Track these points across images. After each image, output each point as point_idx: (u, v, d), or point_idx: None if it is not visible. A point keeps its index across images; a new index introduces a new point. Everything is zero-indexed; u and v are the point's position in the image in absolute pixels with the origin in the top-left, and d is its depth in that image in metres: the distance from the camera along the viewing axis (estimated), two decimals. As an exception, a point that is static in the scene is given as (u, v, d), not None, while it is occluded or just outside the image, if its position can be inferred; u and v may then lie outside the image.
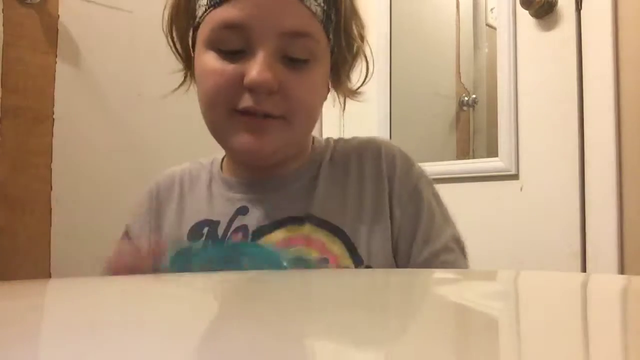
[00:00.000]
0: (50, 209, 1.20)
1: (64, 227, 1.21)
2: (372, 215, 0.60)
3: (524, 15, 1.24)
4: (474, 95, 1.65)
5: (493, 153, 1.32)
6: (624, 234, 1.09)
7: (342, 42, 0.60)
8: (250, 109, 0.53)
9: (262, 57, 0.52)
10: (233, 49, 0.54)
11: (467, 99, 1.66)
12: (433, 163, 1.36)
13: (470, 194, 1.32)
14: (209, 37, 0.55)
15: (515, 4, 1.25)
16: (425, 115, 1.67)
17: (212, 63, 0.54)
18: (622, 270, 1.08)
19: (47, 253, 1.19)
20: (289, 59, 0.54)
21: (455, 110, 1.67)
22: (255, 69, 0.52)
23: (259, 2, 0.52)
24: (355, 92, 0.66)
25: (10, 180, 1.15)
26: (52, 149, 1.21)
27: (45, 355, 0.19)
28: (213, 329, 0.24)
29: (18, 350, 0.18)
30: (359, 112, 0.71)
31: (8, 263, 1.14)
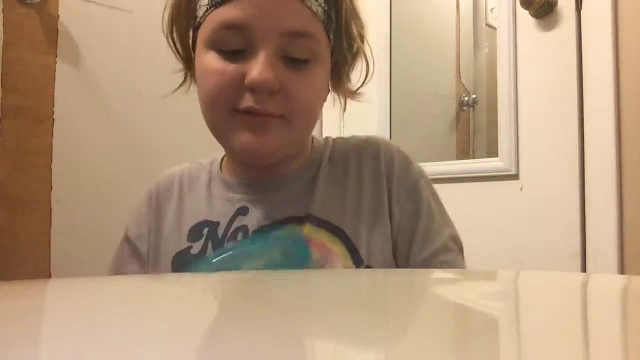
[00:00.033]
0: (50, 209, 1.20)
1: (64, 227, 1.21)
2: (371, 215, 0.60)
3: (524, 15, 1.24)
4: (474, 95, 1.65)
5: (493, 153, 1.32)
6: (624, 234, 1.09)
7: (342, 42, 0.60)
8: (251, 109, 0.53)
9: (263, 57, 0.52)
10: (234, 49, 0.54)
11: (467, 99, 1.66)
12: (433, 163, 1.36)
13: (470, 194, 1.32)
14: (210, 37, 0.55)
15: (515, 4, 1.25)
16: (425, 115, 1.67)
17: (213, 63, 0.54)
18: (622, 270, 1.08)
19: (47, 253, 1.19)
20: (290, 59, 0.54)
21: (455, 110, 1.67)
22: (257, 69, 0.52)
23: (260, 2, 0.52)
24: (356, 92, 0.66)
25: (10, 180, 1.15)
26: (52, 149, 1.21)
27: (45, 355, 0.19)
28: (213, 329, 0.24)
29: (18, 350, 0.18)
30: (359, 112, 0.71)
31: (8, 263, 1.14)
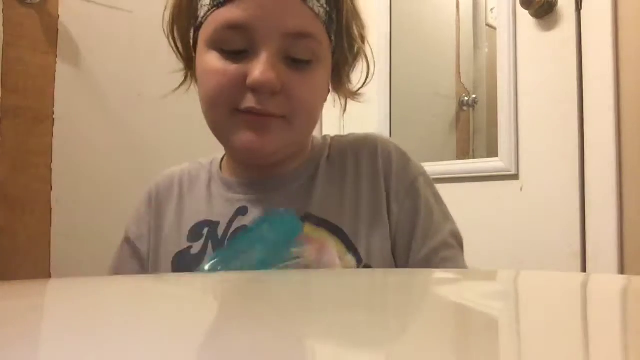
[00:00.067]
0: (50, 209, 1.20)
1: (64, 227, 1.21)
2: (370, 214, 0.60)
3: (524, 15, 1.24)
4: (474, 95, 1.65)
5: (493, 153, 1.32)
6: (624, 234, 1.09)
7: (343, 43, 0.60)
8: (253, 109, 0.53)
9: (265, 57, 0.52)
10: (236, 49, 0.54)
11: (467, 99, 1.66)
12: (433, 163, 1.36)
13: (470, 194, 1.32)
14: (212, 37, 0.55)
15: (515, 4, 1.25)
16: (425, 115, 1.67)
17: (214, 63, 0.54)
18: (622, 270, 1.08)
19: (47, 253, 1.19)
20: (292, 60, 0.54)
21: (455, 110, 1.67)
22: (259, 69, 0.52)
23: (263, 3, 0.52)
24: (356, 93, 0.66)
25: (10, 180, 1.15)
26: (52, 149, 1.21)
27: (45, 355, 0.19)
28: (213, 329, 0.24)
29: (18, 350, 0.18)
30: (359, 112, 0.71)
31: (8, 263, 1.14)
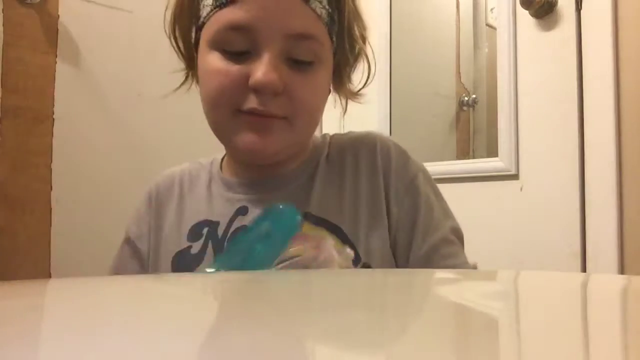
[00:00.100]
0: (50, 209, 1.20)
1: (64, 227, 1.21)
2: (369, 212, 0.60)
3: (524, 15, 1.24)
4: (474, 95, 1.65)
5: (493, 153, 1.32)
6: (624, 234, 1.09)
7: (345, 44, 0.60)
8: (255, 110, 0.53)
9: (267, 58, 0.52)
10: (238, 50, 0.54)
11: (467, 99, 1.66)
12: (433, 163, 1.36)
13: (470, 194, 1.32)
14: (214, 37, 0.55)
15: (515, 4, 1.25)
16: (425, 115, 1.67)
17: (216, 63, 0.54)
18: (622, 270, 1.08)
19: (47, 253, 1.19)
20: (294, 61, 0.54)
21: (455, 110, 1.67)
22: (261, 70, 0.52)
23: (265, 4, 0.53)
24: (357, 93, 0.66)
25: (10, 180, 1.15)
26: (52, 149, 1.21)
27: (45, 355, 0.19)
28: (213, 329, 0.24)
29: (17, 350, 0.18)
30: (359, 112, 0.71)
31: (8, 263, 1.14)
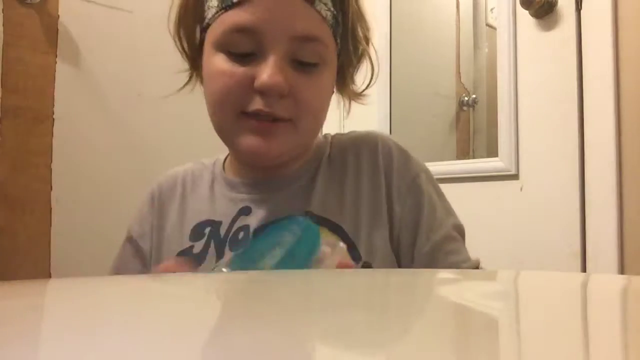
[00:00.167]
0: (50, 209, 1.20)
1: (64, 227, 1.21)
2: (370, 211, 0.60)
3: (524, 15, 1.24)
4: (474, 95, 1.65)
5: (493, 153, 1.32)
6: (624, 234, 1.09)
7: (348, 45, 0.60)
8: (260, 112, 0.53)
9: (273, 60, 0.52)
10: (243, 52, 0.54)
11: (467, 99, 1.66)
12: (433, 163, 1.36)
13: (470, 194, 1.32)
14: (219, 39, 0.55)
15: (515, 4, 1.25)
16: (425, 115, 1.67)
17: (221, 65, 0.54)
18: (622, 270, 1.08)
19: (47, 253, 1.19)
20: (299, 63, 0.54)
21: (455, 110, 1.67)
22: (267, 72, 0.52)
23: (271, 6, 0.53)
24: (360, 94, 0.66)
25: (10, 180, 1.15)
26: (52, 149, 1.21)
27: (45, 355, 0.19)
28: (214, 329, 0.24)
29: (18, 350, 0.18)
30: (359, 112, 0.71)
31: (8, 263, 1.14)
